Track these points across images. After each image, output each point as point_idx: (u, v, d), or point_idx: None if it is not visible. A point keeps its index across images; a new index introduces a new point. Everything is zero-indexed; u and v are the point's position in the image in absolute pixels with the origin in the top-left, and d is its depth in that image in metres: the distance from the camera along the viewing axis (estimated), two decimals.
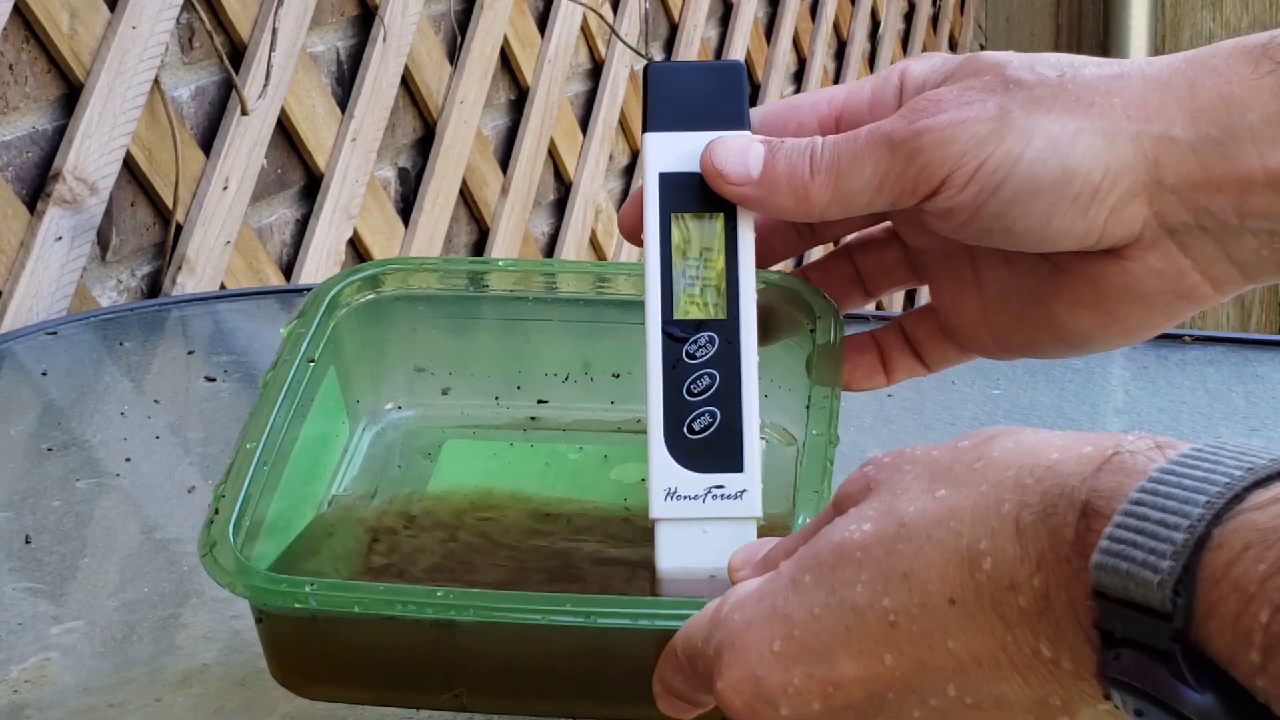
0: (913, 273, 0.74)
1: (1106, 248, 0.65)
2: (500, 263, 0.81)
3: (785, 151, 0.66)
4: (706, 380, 0.67)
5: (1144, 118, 0.63)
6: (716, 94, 0.68)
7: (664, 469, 0.67)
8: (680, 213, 0.68)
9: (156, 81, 1.40)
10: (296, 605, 0.64)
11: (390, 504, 0.78)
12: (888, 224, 0.74)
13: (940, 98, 0.65)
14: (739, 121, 0.68)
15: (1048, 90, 0.64)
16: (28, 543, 0.88)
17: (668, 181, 0.68)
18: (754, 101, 2.70)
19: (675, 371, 0.67)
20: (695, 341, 0.68)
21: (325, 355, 0.76)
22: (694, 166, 0.68)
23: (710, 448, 0.67)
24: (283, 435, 0.71)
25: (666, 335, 0.68)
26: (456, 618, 0.64)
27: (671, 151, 0.68)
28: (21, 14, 1.29)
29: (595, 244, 2.19)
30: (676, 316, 0.68)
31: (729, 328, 0.68)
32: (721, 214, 0.68)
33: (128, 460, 0.99)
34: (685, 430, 0.67)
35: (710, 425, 0.67)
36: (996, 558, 0.50)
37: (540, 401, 0.82)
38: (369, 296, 0.79)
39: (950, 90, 0.65)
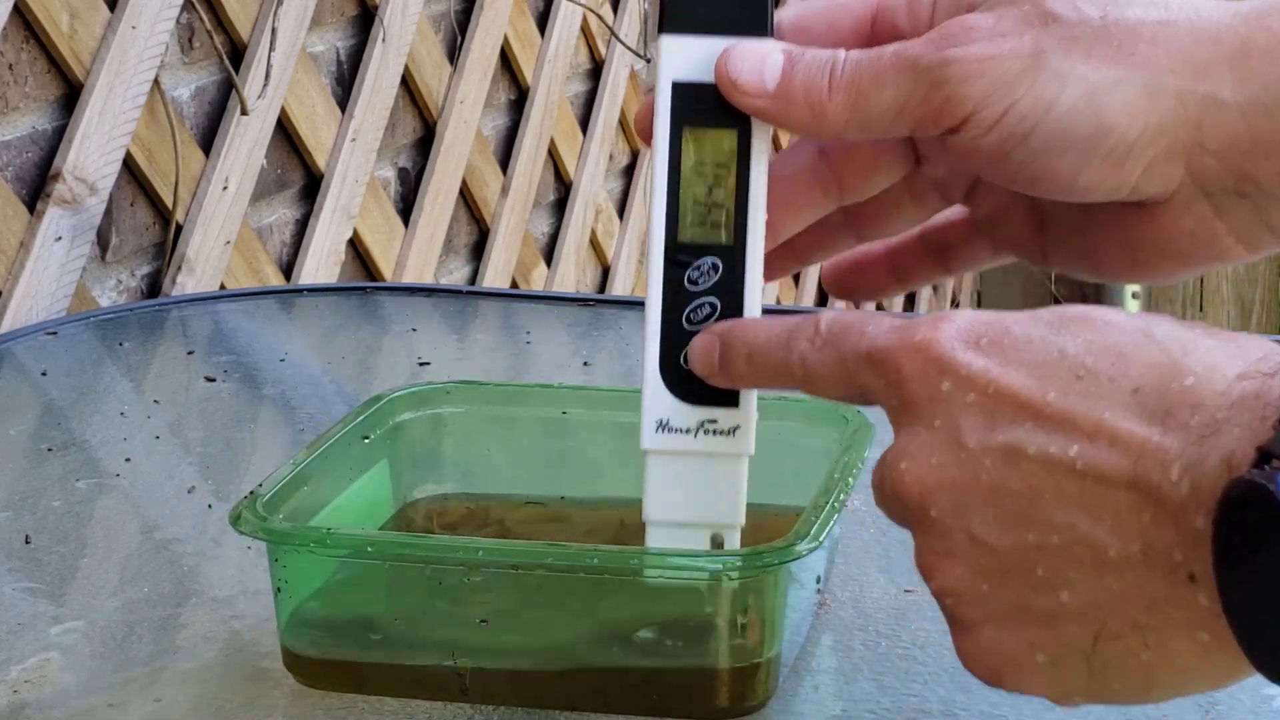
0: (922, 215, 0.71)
1: (1138, 200, 0.63)
2: (556, 387, 0.87)
3: (805, 64, 0.62)
4: (707, 309, 0.64)
5: (1191, 74, 0.60)
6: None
7: (657, 399, 0.65)
8: (693, 125, 0.63)
9: (156, 81, 1.40)
10: (313, 545, 0.70)
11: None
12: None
13: (973, 26, 0.61)
14: (761, 26, 0.63)
15: (1088, 30, 0.60)
16: (27, 543, 0.88)
17: (681, 91, 0.63)
18: None
19: (676, 299, 0.64)
20: (698, 267, 0.64)
21: (381, 441, 0.81)
22: (710, 76, 0.63)
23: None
24: (326, 471, 0.77)
25: (669, 260, 0.64)
26: (465, 558, 0.69)
27: (687, 58, 0.63)
28: (21, 14, 1.29)
29: (595, 244, 2.19)
30: (681, 239, 0.64)
31: (734, 254, 0.64)
32: (736, 129, 0.63)
33: (127, 460, 0.99)
34: (681, 360, 0.64)
35: None
36: (1199, 380, 0.52)
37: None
38: (424, 413, 0.83)
39: (985, 18, 0.61)
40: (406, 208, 1.81)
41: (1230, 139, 0.60)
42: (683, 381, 0.64)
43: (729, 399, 0.65)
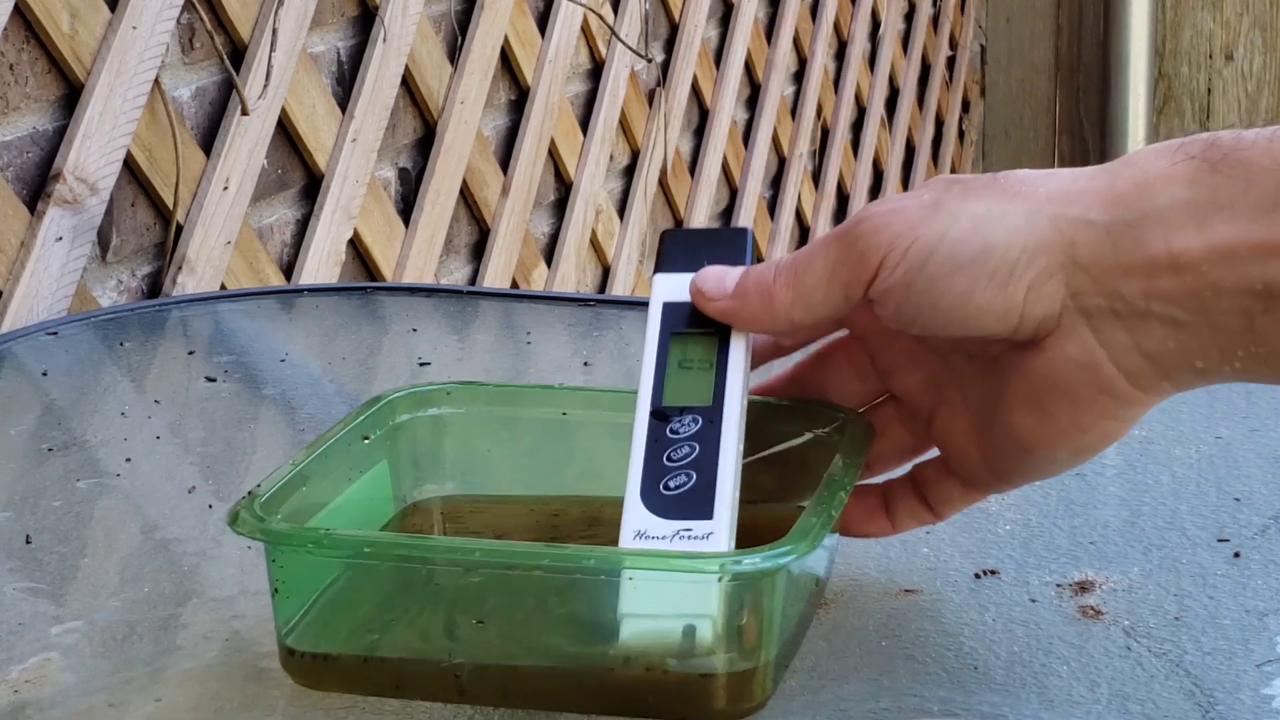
0: (914, 443, 0.78)
1: (1029, 335, 0.70)
2: (556, 388, 0.87)
3: (756, 270, 0.74)
4: (686, 449, 0.71)
5: (1064, 202, 0.69)
6: (722, 249, 0.76)
7: (635, 516, 0.70)
8: (679, 331, 0.74)
9: (157, 82, 1.40)
10: (310, 546, 0.70)
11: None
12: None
13: (886, 198, 0.72)
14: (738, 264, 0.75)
15: (981, 183, 0.71)
16: (28, 543, 0.88)
17: (669, 310, 0.75)
18: (752, 105, 2.70)
19: (657, 444, 0.71)
20: (680, 420, 0.72)
21: (380, 442, 0.81)
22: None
23: (683, 501, 0.70)
24: (326, 471, 0.77)
25: (653, 415, 0.72)
26: (461, 559, 0.70)
27: (676, 287, 0.75)
28: (22, 14, 1.29)
29: (595, 244, 2.19)
30: (665, 403, 0.73)
31: (713, 410, 0.72)
32: (716, 335, 0.74)
33: (128, 460, 0.99)
34: (661, 488, 0.70)
35: (685, 484, 0.70)
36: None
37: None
38: (424, 413, 0.83)
39: (895, 195, 0.72)
40: (407, 208, 1.81)
41: (1098, 255, 0.69)
42: (661, 503, 0.70)
43: (705, 512, 0.70)
